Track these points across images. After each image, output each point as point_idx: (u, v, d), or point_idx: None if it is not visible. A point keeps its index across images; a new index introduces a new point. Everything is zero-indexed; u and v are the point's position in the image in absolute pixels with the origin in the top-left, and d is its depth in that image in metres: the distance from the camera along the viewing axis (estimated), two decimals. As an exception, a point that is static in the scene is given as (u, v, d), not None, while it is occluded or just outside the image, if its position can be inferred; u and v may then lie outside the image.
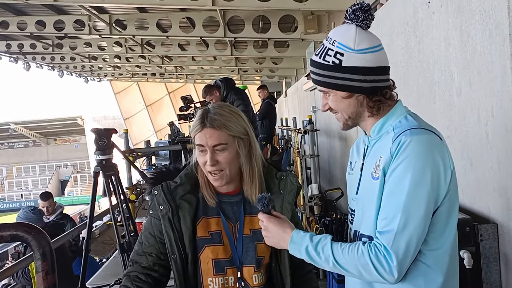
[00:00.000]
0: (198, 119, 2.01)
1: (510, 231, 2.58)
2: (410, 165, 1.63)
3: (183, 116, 7.81)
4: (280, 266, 2.12)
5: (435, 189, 1.64)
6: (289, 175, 2.19)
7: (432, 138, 1.68)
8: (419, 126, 1.70)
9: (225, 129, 1.98)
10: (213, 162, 1.97)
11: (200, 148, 2.00)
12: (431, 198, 1.64)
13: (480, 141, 2.76)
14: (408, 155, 1.63)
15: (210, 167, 1.98)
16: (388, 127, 1.78)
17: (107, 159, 4.10)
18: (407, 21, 3.77)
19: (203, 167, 2.03)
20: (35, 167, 63.26)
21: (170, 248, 2.03)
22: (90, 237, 4.12)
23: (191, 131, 2.06)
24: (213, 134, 1.97)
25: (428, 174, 1.62)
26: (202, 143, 1.98)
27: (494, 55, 2.57)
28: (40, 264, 1.48)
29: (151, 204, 2.08)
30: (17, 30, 13.66)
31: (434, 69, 3.35)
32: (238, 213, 2.10)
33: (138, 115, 35.29)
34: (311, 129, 7.32)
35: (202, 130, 1.98)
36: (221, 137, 1.97)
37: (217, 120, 1.98)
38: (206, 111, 2.02)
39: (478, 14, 2.68)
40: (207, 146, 1.97)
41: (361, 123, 1.86)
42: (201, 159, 2.02)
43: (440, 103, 3.31)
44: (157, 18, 12.91)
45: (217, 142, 1.97)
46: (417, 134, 1.66)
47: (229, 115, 2.01)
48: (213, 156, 1.97)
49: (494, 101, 2.60)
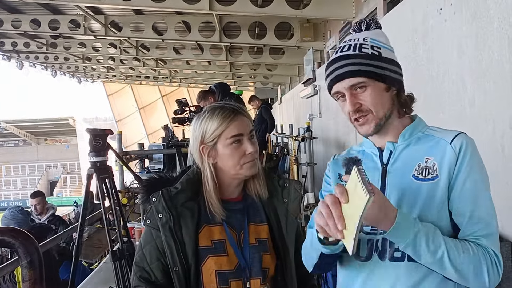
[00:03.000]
0: (225, 110, 1.91)
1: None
2: (481, 168, 1.63)
3: (178, 119, 7.69)
4: (286, 279, 1.99)
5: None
6: (292, 182, 2.09)
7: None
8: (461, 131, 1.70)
9: (248, 117, 1.96)
10: (255, 148, 1.91)
11: (236, 139, 1.89)
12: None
13: (495, 154, 2.66)
14: (475, 158, 1.62)
15: (254, 153, 1.91)
16: (418, 133, 1.73)
17: (101, 161, 3.95)
18: (415, 28, 3.68)
19: (240, 159, 1.90)
20: (24, 167, 62.78)
21: (172, 260, 1.88)
22: (80, 242, 3.98)
23: (217, 125, 1.90)
24: (245, 121, 1.93)
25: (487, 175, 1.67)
26: (240, 132, 1.90)
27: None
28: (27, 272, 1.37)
29: (148, 213, 1.93)
30: (11, 28, 13.55)
31: (445, 78, 3.25)
32: (242, 221, 1.98)
33: (131, 117, 35.18)
34: (308, 136, 7.22)
35: (237, 119, 1.90)
36: (250, 124, 1.95)
37: (242, 108, 1.95)
38: (221, 104, 1.95)
39: (496, 21, 2.58)
40: (246, 133, 1.91)
41: (386, 127, 1.72)
42: (239, 150, 1.91)
43: (450, 113, 3.20)
44: (153, 21, 12.86)
45: (250, 129, 1.93)
46: (468, 137, 1.66)
47: (243, 107, 1.98)
48: (252, 143, 1.91)
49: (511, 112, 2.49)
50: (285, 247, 1.99)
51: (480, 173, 1.62)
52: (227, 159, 1.91)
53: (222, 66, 19.58)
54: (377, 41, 1.69)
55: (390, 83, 1.68)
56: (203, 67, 20.13)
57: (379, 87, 1.67)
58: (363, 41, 1.69)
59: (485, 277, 1.53)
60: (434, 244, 1.52)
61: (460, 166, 1.60)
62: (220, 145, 1.90)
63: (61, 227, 6.58)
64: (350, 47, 1.69)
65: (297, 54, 13.97)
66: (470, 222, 1.59)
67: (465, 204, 1.60)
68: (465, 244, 1.56)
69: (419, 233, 1.52)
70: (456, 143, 1.62)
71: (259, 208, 2.01)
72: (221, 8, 9.63)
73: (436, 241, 1.52)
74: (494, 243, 1.57)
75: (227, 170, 1.93)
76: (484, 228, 1.58)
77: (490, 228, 1.58)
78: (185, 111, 7.60)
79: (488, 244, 1.56)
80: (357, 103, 1.68)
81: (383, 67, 1.66)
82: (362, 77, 1.66)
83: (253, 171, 1.93)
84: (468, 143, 1.62)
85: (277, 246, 1.99)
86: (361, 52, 1.66)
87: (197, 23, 12.50)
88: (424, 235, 1.52)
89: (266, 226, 2.00)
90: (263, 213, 2.01)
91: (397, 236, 1.52)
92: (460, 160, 1.60)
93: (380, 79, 1.66)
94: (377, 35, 1.72)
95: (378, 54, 1.66)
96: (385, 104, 1.69)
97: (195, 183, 1.98)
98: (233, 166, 1.91)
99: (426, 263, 1.55)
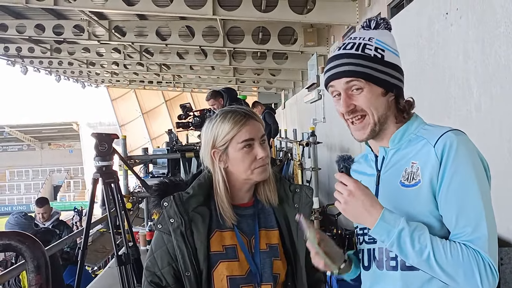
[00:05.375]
0: (237, 115, 1.89)
1: (532, 254, 2.45)
2: (470, 167, 1.54)
3: (182, 124, 7.70)
4: (296, 285, 1.98)
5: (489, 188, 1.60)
6: (303, 188, 2.06)
7: (469, 139, 1.61)
8: (453, 128, 1.60)
9: (260, 122, 1.95)
10: (266, 153, 1.89)
11: (247, 143, 1.88)
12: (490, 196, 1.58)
13: (502, 158, 2.65)
14: (463, 157, 1.54)
15: (265, 158, 1.89)
16: (410, 135, 1.68)
17: (107, 166, 3.94)
18: (421, 33, 3.67)
19: (251, 163, 1.88)
20: (28, 171, 62.87)
21: (184, 265, 1.86)
22: (86, 247, 3.96)
23: (228, 130, 1.88)
24: (257, 125, 1.91)
25: (484, 174, 1.57)
26: (252, 136, 1.88)
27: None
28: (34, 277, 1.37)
29: (160, 218, 1.91)
30: (16, 33, 13.62)
31: (451, 83, 3.25)
32: (252, 226, 1.96)
33: (134, 122, 35.27)
34: (313, 141, 7.21)
35: (249, 123, 1.88)
36: (261, 128, 1.93)
37: (254, 113, 1.93)
38: (233, 108, 1.93)
39: (503, 25, 2.57)
40: (257, 138, 1.89)
41: (383, 132, 1.71)
42: (250, 155, 1.89)
43: (455, 118, 3.20)
44: (156, 26, 12.90)
45: (262, 133, 1.91)
46: (459, 134, 1.58)
47: (255, 112, 1.97)
48: (263, 147, 1.90)
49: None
50: (296, 252, 1.97)
51: (467, 172, 1.53)
52: (238, 164, 1.89)
53: (226, 71, 19.61)
54: (382, 42, 1.66)
55: (388, 88, 1.65)
56: (206, 72, 20.16)
57: (376, 90, 1.64)
58: (368, 41, 1.66)
59: (477, 281, 1.48)
60: (420, 244, 1.51)
61: (444, 169, 1.55)
62: (232, 149, 1.88)
63: (65, 232, 6.58)
64: (354, 46, 1.67)
65: (301, 59, 14.00)
66: (458, 226, 1.54)
67: (451, 208, 1.55)
68: (455, 246, 1.51)
69: (403, 231, 1.52)
70: (439, 145, 1.56)
71: (269, 213, 2.00)
72: (224, 13, 9.67)
73: (422, 241, 1.51)
74: (484, 246, 1.50)
75: (238, 174, 1.92)
76: (472, 232, 1.51)
77: (479, 231, 1.51)
78: (189, 116, 7.62)
79: (478, 247, 1.50)
80: (351, 104, 1.66)
81: (383, 71, 1.63)
82: (359, 78, 1.64)
83: (263, 176, 1.91)
84: (453, 143, 1.54)
85: (287, 251, 1.97)
86: (363, 52, 1.64)
87: (201, 28, 12.54)
88: (409, 234, 1.52)
89: (276, 231, 1.98)
90: (274, 218, 1.99)
91: (381, 234, 1.56)
92: (444, 163, 1.55)
93: (378, 82, 1.63)
94: (384, 36, 1.69)
95: (380, 57, 1.64)
96: (380, 108, 1.66)
97: (207, 188, 1.97)
98: (244, 171, 1.89)
99: (414, 263, 1.54)
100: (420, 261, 1.52)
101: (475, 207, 1.52)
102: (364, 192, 1.58)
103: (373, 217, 1.56)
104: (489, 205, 1.54)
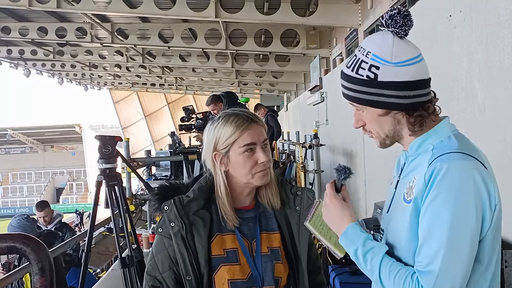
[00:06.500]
0: (239, 118, 1.88)
1: (537, 257, 2.45)
2: (451, 197, 1.45)
3: (185, 126, 7.69)
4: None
5: (479, 225, 1.48)
6: (305, 190, 2.06)
7: (473, 165, 1.48)
8: (458, 150, 1.51)
9: (263, 126, 1.94)
10: (267, 157, 1.89)
11: (248, 147, 1.87)
12: (476, 235, 1.47)
13: (506, 161, 2.64)
14: (446, 185, 1.46)
15: (267, 163, 1.88)
16: (428, 145, 1.60)
17: (111, 168, 3.93)
18: (423, 34, 3.66)
19: (252, 168, 1.87)
20: (31, 174, 62.95)
21: (184, 269, 1.86)
22: (89, 249, 3.96)
23: (230, 133, 1.87)
24: (259, 129, 1.90)
25: (472, 207, 1.46)
26: (253, 141, 1.87)
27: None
28: (38, 279, 1.37)
29: (160, 221, 1.91)
30: (19, 36, 13.67)
31: (454, 85, 3.24)
32: (253, 229, 1.95)
33: (136, 124, 35.29)
34: (316, 143, 7.21)
35: (251, 127, 1.87)
36: (264, 133, 1.93)
37: (256, 117, 1.93)
38: (235, 112, 1.92)
39: (507, 27, 2.57)
40: (259, 142, 1.88)
41: (400, 141, 1.68)
42: (251, 159, 1.87)
43: (459, 121, 3.17)
44: (159, 28, 12.93)
45: (264, 137, 1.91)
46: (455, 159, 1.48)
47: (258, 115, 1.98)
48: (265, 152, 1.89)
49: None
50: (297, 256, 1.96)
51: (444, 202, 1.46)
52: (239, 168, 1.88)
53: (228, 73, 19.62)
54: (378, 57, 1.57)
55: (386, 107, 1.59)
56: (209, 74, 20.16)
57: (374, 111, 1.62)
58: (365, 57, 1.59)
59: None
60: (371, 265, 1.58)
61: (427, 194, 1.50)
62: (233, 153, 1.88)
63: (68, 234, 6.58)
64: (352, 63, 1.63)
65: (303, 62, 14.00)
66: (419, 254, 1.51)
67: (421, 234, 1.52)
68: (402, 276, 1.51)
69: (357, 250, 1.61)
70: (431, 167, 1.50)
71: (271, 216, 1.99)
72: (227, 16, 9.68)
73: (374, 263, 1.58)
74: (429, 282, 1.45)
75: (238, 178, 1.91)
76: (427, 264, 1.47)
77: (431, 265, 1.46)
78: (191, 118, 7.61)
79: (422, 281, 1.46)
80: (359, 121, 1.68)
81: (376, 93, 1.57)
82: (355, 103, 1.65)
83: (264, 180, 1.90)
84: (442, 168, 1.47)
85: (289, 255, 1.97)
86: (357, 74, 1.60)
87: (203, 31, 12.55)
88: (362, 254, 1.60)
89: (278, 234, 1.97)
90: (275, 221, 1.99)
91: (344, 246, 1.68)
92: (428, 187, 1.49)
93: (373, 105, 1.60)
94: (382, 47, 1.58)
95: (373, 77, 1.56)
96: (384, 126, 1.64)
97: (207, 191, 1.96)
98: (244, 175, 1.89)
99: (368, 276, 1.62)
100: (372, 279, 1.60)
101: (438, 240, 1.46)
102: (335, 206, 1.70)
103: (339, 230, 1.69)
104: (460, 242, 1.46)
